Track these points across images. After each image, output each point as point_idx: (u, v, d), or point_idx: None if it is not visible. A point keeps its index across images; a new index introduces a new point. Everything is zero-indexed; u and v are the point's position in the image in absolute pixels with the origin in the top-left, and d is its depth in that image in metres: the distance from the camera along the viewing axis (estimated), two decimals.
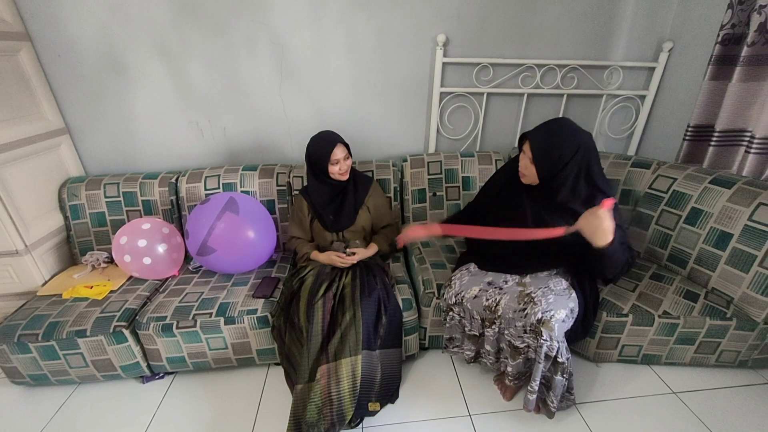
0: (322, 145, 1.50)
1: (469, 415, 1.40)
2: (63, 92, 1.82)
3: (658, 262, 1.65)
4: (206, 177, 1.85)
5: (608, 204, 1.06)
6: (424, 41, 1.86)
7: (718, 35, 1.55)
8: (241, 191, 1.83)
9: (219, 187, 1.83)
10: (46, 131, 1.76)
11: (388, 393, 1.40)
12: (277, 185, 1.86)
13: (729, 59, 1.55)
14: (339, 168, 1.52)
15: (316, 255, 1.58)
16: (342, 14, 1.78)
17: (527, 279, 1.35)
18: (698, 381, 1.49)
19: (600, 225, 1.06)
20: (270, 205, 1.85)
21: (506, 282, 1.36)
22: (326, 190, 1.58)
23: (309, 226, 1.64)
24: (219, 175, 1.85)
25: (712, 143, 1.64)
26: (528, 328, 1.22)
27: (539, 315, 1.20)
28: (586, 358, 1.57)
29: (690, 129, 1.72)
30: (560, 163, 1.19)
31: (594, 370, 1.55)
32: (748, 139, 1.57)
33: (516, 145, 2.12)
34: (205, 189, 1.83)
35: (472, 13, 1.82)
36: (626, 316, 1.41)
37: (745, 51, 1.47)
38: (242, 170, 1.87)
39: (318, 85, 1.92)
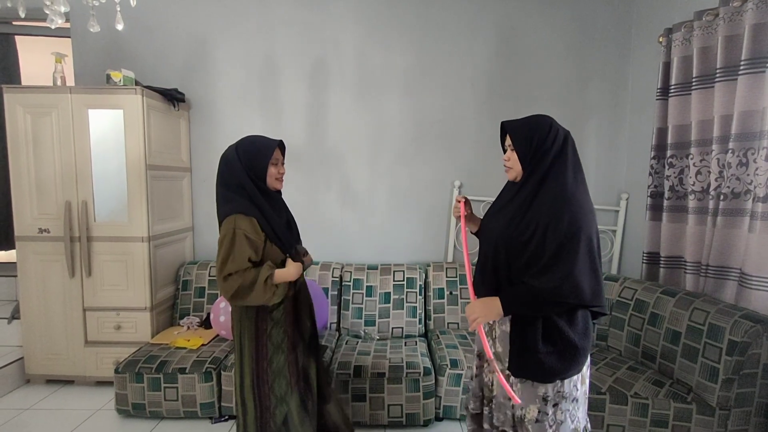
0: (262, 142, 1.37)
1: None
2: (197, 203, 2.71)
3: (634, 358, 2.01)
4: None
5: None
6: (445, 184, 2.70)
7: (648, 190, 2.26)
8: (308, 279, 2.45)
9: None
10: (182, 228, 2.58)
11: None
12: (332, 277, 2.49)
13: (658, 207, 2.21)
14: (278, 170, 1.38)
15: (282, 273, 1.32)
16: (389, 165, 2.69)
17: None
18: None
19: (475, 314, 1.13)
20: (325, 291, 2.44)
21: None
22: (273, 206, 1.39)
23: (262, 253, 1.35)
24: None
25: (661, 265, 2.18)
26: (514, 421, 1.14)
27: (518, 411, 1.11)
28: None
29: (645, 255, 2.28)
30: (542, 147, 1.12)
31: None
32: (683, 262, 2.10)
33: None
34: None
35: (479, 166, 2.69)
36: (604, 394, 1.75)
37: (666, 203, 2.14)
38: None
39: (368, 208, 2.73)
